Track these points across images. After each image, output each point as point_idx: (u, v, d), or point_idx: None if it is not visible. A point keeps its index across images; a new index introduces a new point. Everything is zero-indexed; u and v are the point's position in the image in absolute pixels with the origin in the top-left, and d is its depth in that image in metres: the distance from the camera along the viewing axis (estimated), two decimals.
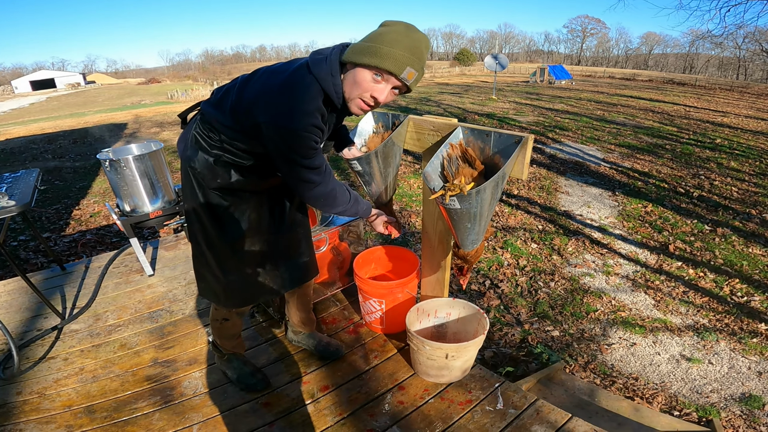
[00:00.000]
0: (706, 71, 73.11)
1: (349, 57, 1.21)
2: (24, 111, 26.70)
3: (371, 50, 1.18)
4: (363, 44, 1.20)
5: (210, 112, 1.35)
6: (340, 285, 2.53)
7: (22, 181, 2.53)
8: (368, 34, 1.22)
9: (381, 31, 1.21)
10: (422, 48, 1.21)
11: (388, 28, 1.20)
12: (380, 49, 1.17)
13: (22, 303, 2.63)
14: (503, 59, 17.70)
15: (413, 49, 1.19)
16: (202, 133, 1.38)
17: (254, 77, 1.30)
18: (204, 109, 1.39)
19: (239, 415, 1.79)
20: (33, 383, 1.99)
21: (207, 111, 1.37)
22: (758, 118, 14.15)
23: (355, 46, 1.22)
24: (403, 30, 1.19)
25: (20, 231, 4.70)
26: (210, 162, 1.38)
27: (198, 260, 1.62)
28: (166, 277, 2.86)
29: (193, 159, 1.41)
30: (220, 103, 1.34)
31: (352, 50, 1.22)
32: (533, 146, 6.19)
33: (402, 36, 1.18)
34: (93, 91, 46.07)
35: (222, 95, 1.35)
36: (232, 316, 1.77)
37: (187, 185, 1.48)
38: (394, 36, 1.18)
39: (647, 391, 2.66)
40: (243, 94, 1.28)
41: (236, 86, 1.32)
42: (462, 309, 2.08)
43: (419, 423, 1.74)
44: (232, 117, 1.29)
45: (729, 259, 4.28)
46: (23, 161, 8.85)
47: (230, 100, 1.30)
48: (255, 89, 1.26)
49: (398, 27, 1.20)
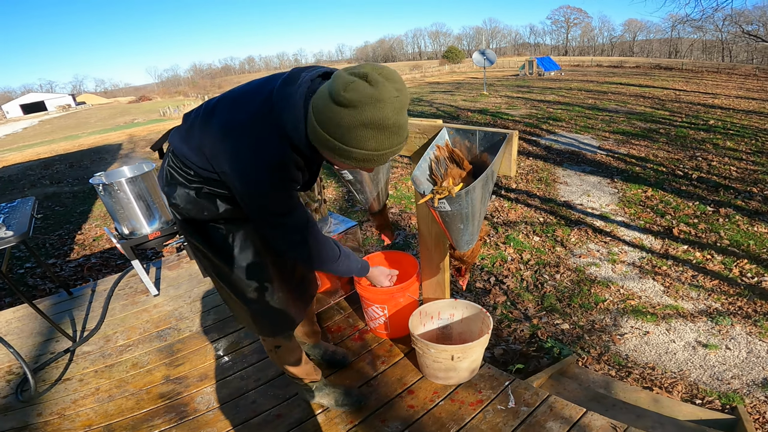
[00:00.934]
0: (691, 55, 73.28)
1: (318, 143, 1.02)
2: (18, 136, 26.80)
3: (342, 152, 0.98)
4: (331, 141, 0.97)
5: (180, 148, 1.23)
6: (343, 293, 2.53)
7: (19, 210, 2.53)
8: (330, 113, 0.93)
9: (346, 123, 0.92)
10: (401, 132, 0.98)
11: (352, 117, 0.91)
12: (352, 152, 0.98)
13: (33, 328, 2.66)
14: (491, 54, 17.77)
15: (390, 140, 0.97)
16: (176, 167, 1.25)
17: (216, 110, 1.16)
18: (173, 144, 1.26)
19: (253, 427, 1.79)
20: (52, 405, 2.02)
21: (177, 147, 1.24)
22: (748, 98, 14.15)
23: (320, 134, 0.98)
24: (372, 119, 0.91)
25: (26, 259, 4.70)
26: (192, 195, 1.25)
27: (221, 293, 1.54)
28: (171, 296, 2.87)
29: (172, 195, 1.27)
30: (188, 138, 1.21)
31: (318, 139, 0.99)
32: (528, 138, 6.19)
33: (374, 130, 0.93)
34: (84, 112, 46.19)
35: (189, 127, 1.22)
36: (281, 341, 1.64)
37: (178, 224, 1.39)
38: (364, 134, 0.94)
39: (665, 380, 2.63)
40: (205, 135, 1.14)
41: (199, 119, 1.19)
42: (465, 309, 2.08)
43: (431, 426, 1.73)
44: (200, 158, 1.18)
45: (735, 239, 4.26)
46: (21, 189, 8.86)
47: (195, 139, 1.18)
48: (215, 132, 1.11)
49: (366, 114, 0.90)
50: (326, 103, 0.93)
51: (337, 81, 0.90)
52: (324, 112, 0.94)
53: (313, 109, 0.97)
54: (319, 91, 0.97)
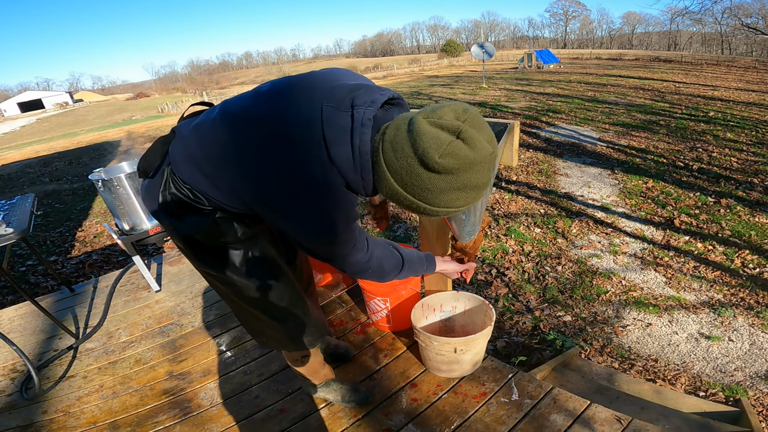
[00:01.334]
0: (690, 47, 72.93)
1: (394, 200, 0.89)
2: (16, 134, 26.72)
3: (424, 210, 0.87)
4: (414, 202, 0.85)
5: (193, 180, 1.05)
6: (344, 286, 2.52)
7: (18, 207, 2.52)
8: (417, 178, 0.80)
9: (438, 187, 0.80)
10: (490, 184, 0.88)
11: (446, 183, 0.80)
12: (438, 212, 0.87)
13: (36, 326, 2.65)
14: (490, 47, 17.68)
15: (479, 194, 0.86)
16: (186, 194, 1.08)
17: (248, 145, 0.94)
18: (184, 174, 1.06)
19: (256, 423, 1.79)
20: (56, 402, 2.02)
21: (189, 178, 1.06)
22: (748, 90, 14.13)
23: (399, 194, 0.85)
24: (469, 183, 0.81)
25: (27, 256, 4.70)
26: (207, 222, 1.12)
27: (246, 319, 1.44)
28: (172, 292, 2.87)
29: (180, 227, 1.14)
30: (201, 165, 1.03)
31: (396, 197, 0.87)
32: (528, 131, 6.18)
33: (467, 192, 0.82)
34: (82, 109, 46.08)
35: (199, 152, 1.03)
36: (309, 351, 1.60)
37: (186, 251, 1.24)
38: (456, 195, 0.82)
39: (669, 372, 2.62)
40: (237, 178, 0.98)
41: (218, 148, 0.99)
42: (467, 301, 2.07)
43: (435, 419, 1.73)
44: (229, 199, 1.05)
45: (736, 230, 4.26)
46: (21, 186, 8.85)
47: (219, 174, 1.01)
48: (261, 184, 0.95)
49: (462, 179, 0.80)
50: (411, 165, 0.79)
51: (426, 141, 0.75)
52: (408, 174, 0.80)
53: (388, 165, 0.83)
54: (395, 146, 0.81)
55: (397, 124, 0.83)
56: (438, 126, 0.76)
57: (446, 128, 0.76)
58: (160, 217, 1.17)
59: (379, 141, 0.85)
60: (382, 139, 0.84)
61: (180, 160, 1.06)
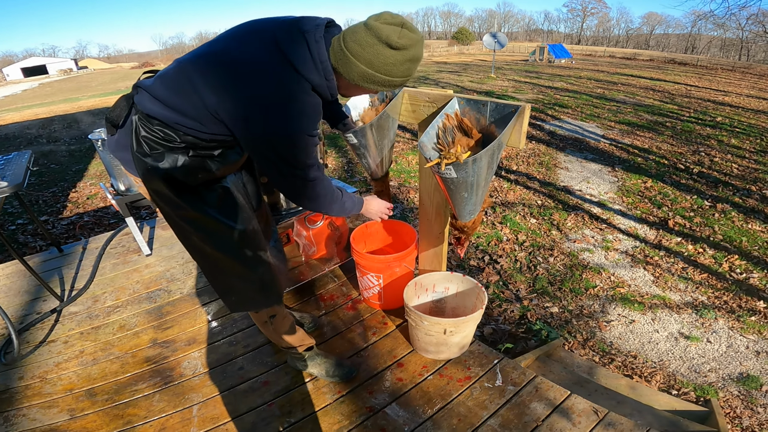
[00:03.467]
0: (708, 52, 72.15)
1: (360, 79, 1.14)
2: (17, 98, 26.39)
3: (385, 82, 1.15)
4: (378, 76, 1.13)
5: (161, 113, 1.16)
6: (338, 260, 2.51)
7: (14, 163, 2.49)
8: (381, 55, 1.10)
9: (396, 60, 1.11)
10: (418, 59, 1.16)
11: (402, 56, 1.11)
12: (394, 81, 1.16)
13: (20, 286, 2.62)
14: (502, 38, 17.43)
15: (411, 67, 1.16)
16: (155, 135, 1.18)
17: (215, 72, 1.12)
18: (149, 111, 1.17)
19: (239, 394, 1.79)
20: (34, 367, 1.99)
21: (155, 112, 1.16)
22: (760, 98, 14.00)
23: (364, 72, 1.12)
24: (415, 55, 1.13)
25: (18, 215, 4.67)
26: (183, 160, 1.21)
27: (216, 275, 1.47)
28: (163, 257, 2.85)
29: (157, 165, 1.20)
30: (171, 103, 1.15)
31: (362, 75, 1.13)
32: (532, 123, 6.14)
33: (412, 62, 1.14)
34: (86, 76, 45.53)
35: (167, 92, 1.15)
36: (276, 309, 1.62)
37: (164, 198, 1.27)
38: (407, 66, 1.13)
39: (646, 369, 2.66)
40: (211, 99, 1.11)
41: (185, 82, 1.13)
42: (460, 283, 2.07)
43: (418, 400, 1.74)
44: (202, 124, 1.15)
45: (728, 235, 4.27)
46: (18, 146, 8.75)
47: (192, 105, 1.13)
48: (232, 98, 1.10)
49: (411, 53, 1.12)
50: (377, 49, 1.09)
51: (385, 31, 1.07)
52: (373, 54, 1.09)
53: (353, 53, 1.11)
54: (359, 42, 1.09)
55: (351, 30, 1.12)
56: (387, 23, 1.08)
57: (393, 23, 1.09)
58: (137, 163, 1.23)
59: (340, 45, 1.12)
60: (343, 43, 1.11)
61: (148, 102, 1.17)
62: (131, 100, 1.24)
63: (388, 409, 1.70)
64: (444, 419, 1.66)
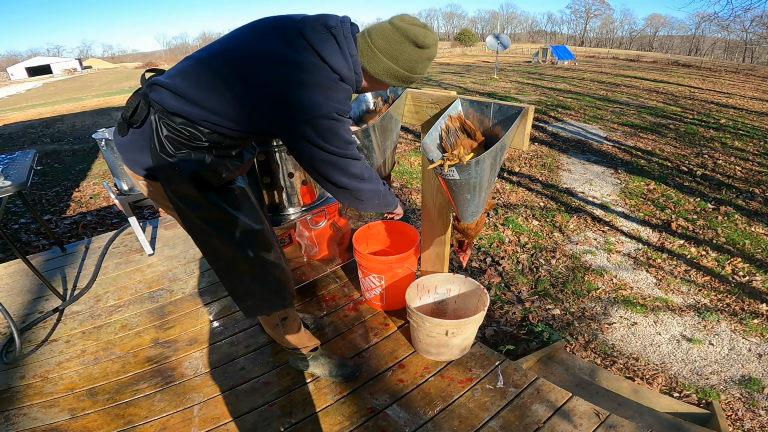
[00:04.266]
0: (712, 54, 71.82)
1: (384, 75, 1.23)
2: (21, 97, 26.49)
3: (405, 78, 1.24)
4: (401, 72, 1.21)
5: (187, 111, 1.13)
6: (340, 261, 2.51)
7: (18, 162, 2.50)
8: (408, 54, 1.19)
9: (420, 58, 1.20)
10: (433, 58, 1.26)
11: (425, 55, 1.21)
12: (413, 77, 1.24)
13: (23, 285, 2.63)
14: (505, 39, 17.40)
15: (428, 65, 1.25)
16: (182, 133, 1.14)
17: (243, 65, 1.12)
18: (175, 109, 1.13)
19: (240, 394, 1.79)
20: (36, 367, 1.99)
21: (182, 110, 1.13)
22: (764, 100, 13.93)
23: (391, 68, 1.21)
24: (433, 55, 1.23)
25: (21, 214, 4.68)
26: (212, 160, 1.20)
27: (233, 279, 1.44)
28: (166, 256, 2.85)
29: (184, 166, 1.17)
30: (196, 99, 1.13)
31: (387, 71, 1.21)
32: (535, 124, 6.11)
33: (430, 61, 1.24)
34: (90, 76, 45.66)
35: (190, 88, 1.13)
36: (287, 311, 1.62)
37: (185, 200, 1.24)
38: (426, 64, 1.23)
39: (647, 371, 2.65)
40: (244, 91, 1.11)
41: (212, 77, 1.13)
42: (462, 284, 2.07)
43: (419, 401, 1.74)
44: (230, 120, 1.15)
45: (731, 238, 4.26)
46: (21, 145, 8.78)
47: (220, 100, 1.12)
48: (266, 91, 1.10)
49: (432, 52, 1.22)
50: (404, 47, 1.18)
51: (413, 31, 1.16)
52: (399, 51, 1.18)
53: (380, 49, 1.18)
54: (387, 40, 1.18)
55: (378, 28, 1.20)
56: (413, 24, 1.18)
57: (418, 25, 1.18)
58: (158, 164, 1.17)
59: (366, 42, 1.19)
60: (370, 40, 1.18)
61: (170, 99, 1.13)
62: (147, 98, 1.18)
63: (389, 410, 1.70)
64: (445, 420, 1.65)
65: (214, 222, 1.29)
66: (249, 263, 1.39)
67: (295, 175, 2.09)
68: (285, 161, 2.02)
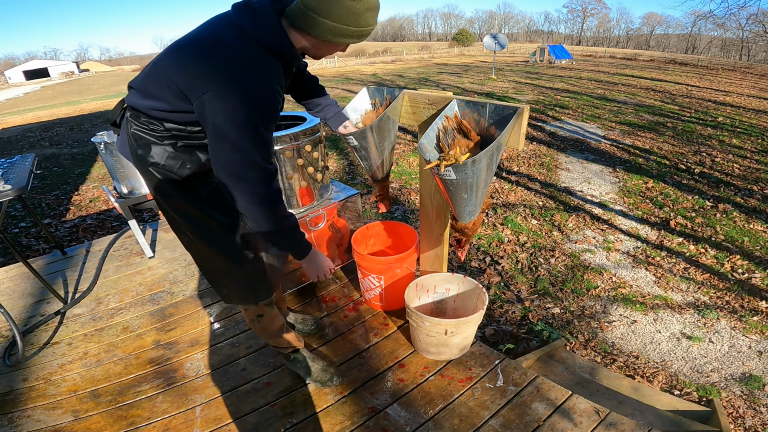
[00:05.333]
0: (709, 52, 71.99)
1: (326, 33, 1.16)
2: (19, 101, 26.51)
3: (352, 33, 1.17)
4: (342, 28, 1.15)
5: (141, 104, 1.22)
6: (339, 262, 2.52)
7: (18, 166, 2.51)
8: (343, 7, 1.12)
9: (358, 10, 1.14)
10: (377, 7, 1.19)
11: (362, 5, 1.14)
12: (361, 31, 1.18)
13: (24, 289, 2.64)
14: (502, 39, 17.44)
15: (373, 15, 1.18)
16: (143, 128, 1.24)
17: (178, 53, 1.19)
18: (133, 104, 1.25)
19: (241, 395, 1.80)
20: (38, 369, 2.00)
21: (137, 104, 1.23)
22: (761, 98, 13.96)
23: (329, 26, 1.14)
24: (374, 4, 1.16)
25: (21, 218, 4.69)
26: (170, 151, 1.26)
27: (208, 268, 1.50)
28: (166, 259, 2.86)
29: (148, 156, 1.25)
30: (147, 91, 1.21)
31: (328, 30, 1.15)
32: (533, 123, 6.13)
33: (373, 11, 1.17)
34: (87, 79, 45.68)
35: (144, 82, 1.22)
36: (263, 309, 1.61)
37: (159, 190, 1.32)
38: (368, 15, 1.16)
39: (648, 369, 2.66)
40: (175, 66, 1.16)
41: (158, 69, 1.20)
42: (461, 284, 2.08)
43: (420, 400, 1.75)
44: (169, 102, 1.18)
45: (730, 235, 4.27)
46: (20, 149, 8.79)
47: (159, 81, 1.18)
48: (190, 63, 1.15)
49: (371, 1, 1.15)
50: (336, 2, 1.11)
51: None
52: (337, 9, 1.12)
53: (315, 11, 1.13)
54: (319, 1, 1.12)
55: None
56: None
57: None
58: (134, 159, 1.29)
59: (301, 8, 1.13)
60: (303, 5, 1.13)
61: (132, 97, 1.26)
62: (124, 101, 1.32)
63: (389, 410, 1.71)
64: (445, 419, 1.66)
65: (182, 212, 1.35)
66: (215, 255, 1.43)
67: (294, 177, 2.10)
68: (283, 163, 2.03)
